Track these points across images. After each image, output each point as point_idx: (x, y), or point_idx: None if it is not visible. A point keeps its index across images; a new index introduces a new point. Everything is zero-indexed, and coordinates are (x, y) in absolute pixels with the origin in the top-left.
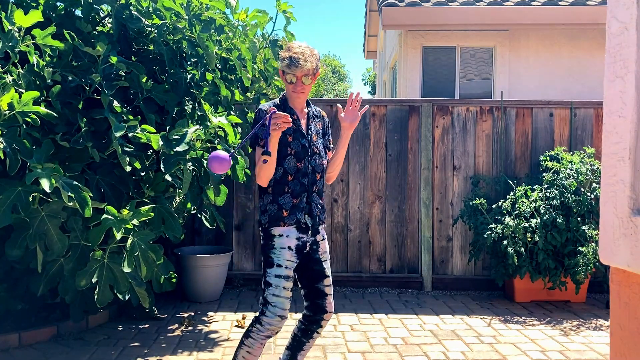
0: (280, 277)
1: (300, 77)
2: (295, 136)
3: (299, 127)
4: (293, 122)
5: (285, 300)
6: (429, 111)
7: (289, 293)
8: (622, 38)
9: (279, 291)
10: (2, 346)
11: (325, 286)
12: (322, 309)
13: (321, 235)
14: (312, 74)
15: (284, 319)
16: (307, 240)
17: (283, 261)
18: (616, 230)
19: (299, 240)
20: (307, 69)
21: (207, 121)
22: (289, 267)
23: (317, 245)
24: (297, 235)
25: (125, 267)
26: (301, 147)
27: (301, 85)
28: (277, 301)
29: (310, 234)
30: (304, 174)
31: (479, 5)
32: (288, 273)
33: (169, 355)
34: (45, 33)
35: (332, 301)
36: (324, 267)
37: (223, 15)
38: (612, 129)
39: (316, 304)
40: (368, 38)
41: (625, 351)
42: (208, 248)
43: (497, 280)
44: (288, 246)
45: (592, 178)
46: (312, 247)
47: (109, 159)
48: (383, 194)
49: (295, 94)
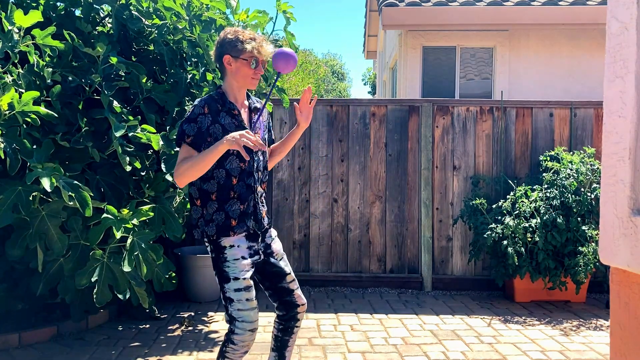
0: (240, 290)
1: (263, 61)
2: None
3: (241, 123)
4: (234, 117)
5: (252, 312)
6: (429, 111)
7: (253, 303)
8: (622, 38)
9: (242, 305)
10: (2, 346)
11: (288, 283)
12: (292, 304)
13: (271, 237)
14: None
15: (255, 332)
16: (258, 248)
17: (239, 272)
18: (616, 230)
19: (250, 249)
20: (270, 52)
21: None
22: (246, 277)
23: (270, 248)
24: (248, 244)
25: (125, 267)
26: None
27: (261, 71)
28: (244, 315)
29: (260, 241)
30: (248, 174)
31: (479, 5)
32: (247, 283)
33: (169, 355)
34: (45, 33)
35: (300, 293)
36: (281, 267)
37: (223, 15)
38: (612, 129)
39: (286, 302)
40: (368, 38)
41: (625, 351)
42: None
43: (497, 280)
44: (241, 256)
45: (592, 178)
46: (265, 252)
47: (109, 159)
48: (383, 194)
49: (253, 81)
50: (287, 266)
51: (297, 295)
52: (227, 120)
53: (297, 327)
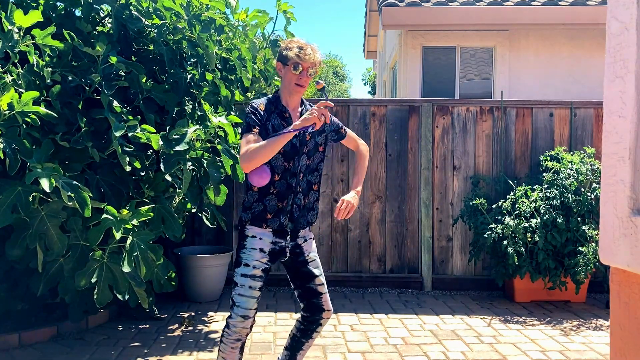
0: (246, 277)
1: (306, 67)
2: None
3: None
4: (285, 120)
5: (250, 300)
6: (429, 111)
7: (255, 293)
8: (622, 38)
9: (244, 290)
10: (2, 346)
11: (317, 285)
12: (319, 307)
13: (303, 238)
14: (315, 67)
15: (248, 320)
16: (285, 245)
17: (251, 261)
18: (616, 230)
19: (275, 245)
20: (314, 60)
21: (207, 121)
22: (257, 267)
23: (300, 248)
24: (274, 239)
25: (125, 267)
26: (291, 146)
27: (306, 78)
28: (242, 301)
29: (289, 239)
30: (292, 175)
31: (479, 5)
32: (255, 272)
33: (169, 355)
34: (45, 33)
35: (328, 299)
36: (311, 268)
37: (223, 15)
38: (612, 129)
39: (312, 304)
40: (368, 38)
41: (625, 351)
42: (208, 248)
43: (497, 280)
44: (260, 248)
45: (592, 178)
46: (294, 251)
47: (109, 159)
48: (383, 194)
49: (297, 87)
50: (318, 269)
51: (325, 300)
52: (277, 121)
53: (317, 332)
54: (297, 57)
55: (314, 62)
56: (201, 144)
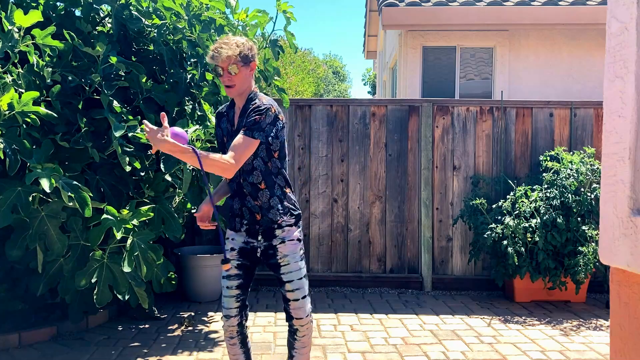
0: (224, 278)
1: (224, 66)
2: (228, 137)
3: (230, 128)
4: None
5: (229, 299)
6: (429, 111)
7: (232, 292)
8: (622, 38)
9: (224, 291)
10: (2, 346)
11: (286, 291)
12: (288, 313)
13: (280, 239)
14: (237, 63)
15: (230, 319)
16: (257, 245)
17: None
18: (616, 230)
19: (247, 245)
20: (226, 57)
21: (207, 121)
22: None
23: (274, 249)
24: (246, 239)
25: (125, 267)
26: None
27: (228, 77)
28: (224, 301)
29: (262, 239)
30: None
31: (479, 5)
32: (230, 272)
33: (169, 355)
34: (45, 33)
35: (298, 307)
36: (281, 273)
37: (223, 15)
38: (612, 129)
39: (284, 308)
40: (368, 38)
41: (625, 351)
42: (208, 248)
43: (497, 280)
44: (231, 247)
45: (592, 178)
46: (266, 252)
47: (109, 159)
48: (383, 194)
49: (226, 88)
50: (289, 274)
51: (293, 308)
52: (225, 124)
53: (298, 336)
54: (212, 59)
55: (228, 57)
56: (201, 144)
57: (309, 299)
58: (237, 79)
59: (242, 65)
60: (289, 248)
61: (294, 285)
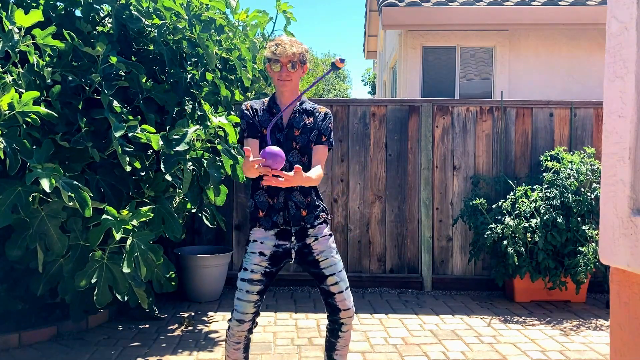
0: (244, 281)
1: (285, 62)
2: (272, 130)
3: (277, 122)
4: (272, 115)
5: (246, 304)
6: (429, 111)
7: (252, 297)
8: (622, 38)
9: (241, 294)
10: (2, 346)
11: (329, 285)
12: (334, 307)
13: (314, 237)
14: (298, 61)
15: (243, 324)
16: (290, 247)
17: (250, 265)
18: (616, 230)
19: (278, 248)
20: (291, 53)
21: (207, 121)
22: (255, 272)
23: (309, 248)
24: (276, 242)
25: (125, 268)
26: (276, 141)
27: (287, 72)
28: (239, 305)
29: (295, 240)
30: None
31: (479, 5)
32: (253, 277)
33: (169, 355)
34: (45, 33)
35: (345, 298)
36: (321, 268)
37: (223, 15)
38: (612, 129)
39: (328, 304)
40: (368, 38)
41: (625, 351)
42: (208, 248)
43: (497, 280)
44: (260, 252)
45: (592, 178)
46: (301, 252)
47: (109, 159)
48: (383, 194)
49: (279, 82)
50: (329, 268)
51: (340, 300)
52: (266, 116)
53: (342, 331)
54: (273, 54)
55: (292, 54)
56: (201, 144)
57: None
58: (294, 76)
59: (300, 65)
60: (323, 244)
61: (337, 277)
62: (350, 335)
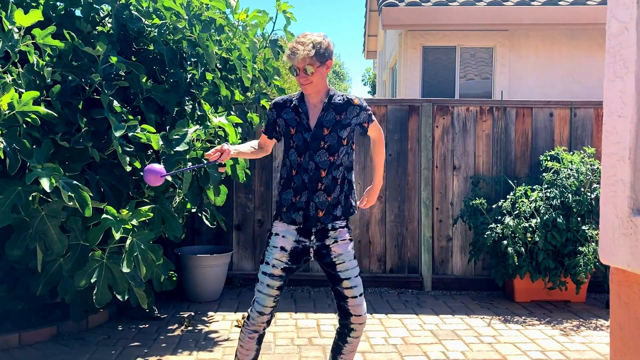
0: (265, 275)
1: (300, 67)
2: (298, 129)
3: (302, 121)
4: (298, 115)
5: (266, 297)
6: (429, 111)
7: (272, 291)
8: (622, 38)
9: (262, 287)
10: (2, 346)
11: (344, 289)
12: (346, 311)
13: (333, 239)
14: (316, 62)
15: (263, 316)
16: (309, 245)
17: (271, 259)
18: (616, 230)
19: (298, 244)
20: (301, 58)
21: (207, 121)
22: (276, 266)
23: (327, 249)
24: (297, 238)
25: (124, 268)
26: (302, 140)
27: (304, 76)
28: (259, 297)
29: (315, 239)
30: (304, 170)
31: (479, 5)
32: (274, 272)
33: (169, 355)
34: (45, 33)
35: (358, 304)
36: (338, 271)
37: (223, 15)
38: (612, 129)
39: (340, 306)
40: (368, 38)
41: (625, 351)
42: (208, 248)
43: (497, 280)
44: (281, 246)
45: (592, 178)
46: (319, 252)
47: (109, 159)
48: (383, 194)
49: (302, 86)
50: (345, 272)
51: (352, 305)
52: (291, 115)
53: (351, 337)
54: (288, 59)
55: (303, 59)
56: (201, 144)
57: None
58: (313, 78)
59: (319, 65)
60: (342, 247)
61: (352, 282)
62: (359, 342)
